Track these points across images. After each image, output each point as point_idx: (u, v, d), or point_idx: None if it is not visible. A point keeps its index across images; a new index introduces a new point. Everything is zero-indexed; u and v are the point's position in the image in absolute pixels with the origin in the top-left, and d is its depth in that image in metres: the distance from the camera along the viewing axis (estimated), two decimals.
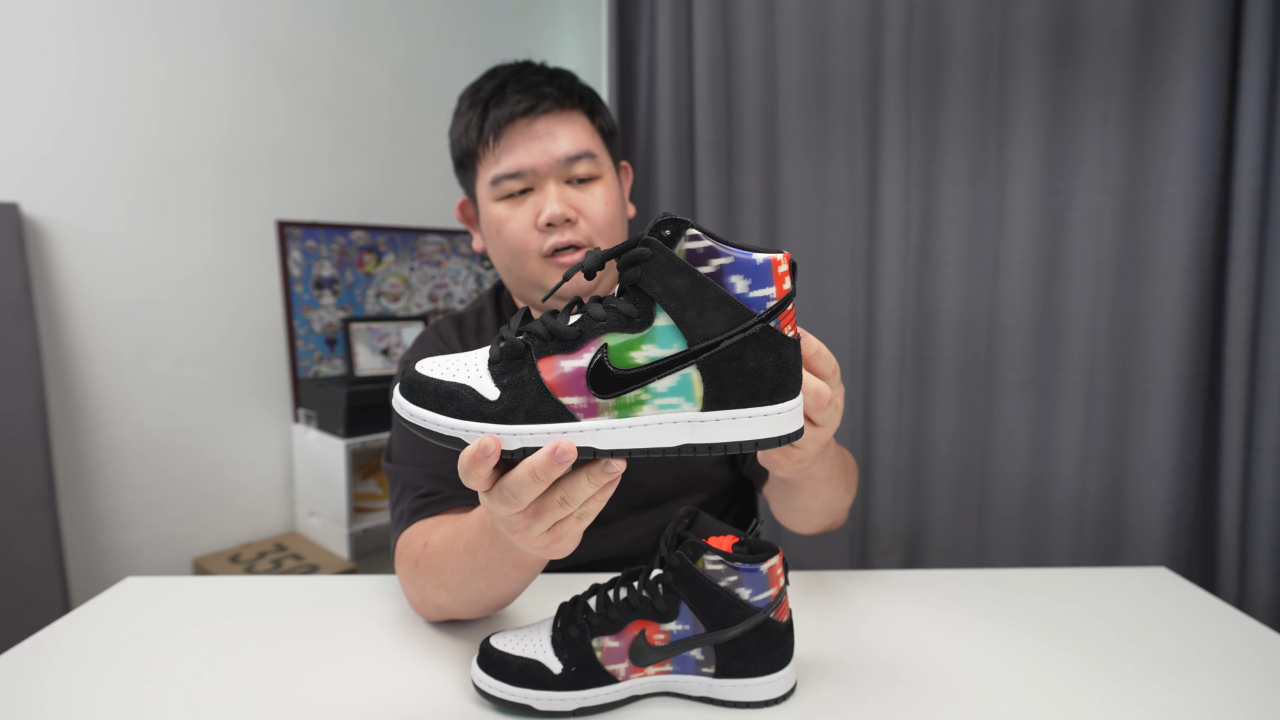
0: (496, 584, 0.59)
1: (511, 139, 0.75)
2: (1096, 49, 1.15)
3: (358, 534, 1.96)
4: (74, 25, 1.64)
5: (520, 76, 0.77)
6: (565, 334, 0.43)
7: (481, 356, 0.45)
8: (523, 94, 0.75)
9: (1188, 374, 1.11)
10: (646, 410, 0.42)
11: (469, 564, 0.59)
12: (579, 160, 0.76)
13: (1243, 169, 1.03)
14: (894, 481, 1.41)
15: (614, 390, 0.42)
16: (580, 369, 0.42)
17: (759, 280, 0.42)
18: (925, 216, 1.34)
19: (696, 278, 0.41)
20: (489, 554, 0.57)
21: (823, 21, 1.38)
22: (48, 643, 0.64)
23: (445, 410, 0.42)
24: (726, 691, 0.54)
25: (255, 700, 0.55)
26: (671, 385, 0.42)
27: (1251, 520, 1.06)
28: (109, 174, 1.71)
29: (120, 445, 1.77)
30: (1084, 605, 0.71)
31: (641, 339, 0.42)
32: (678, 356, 0.42)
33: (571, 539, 0.46)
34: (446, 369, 0.44)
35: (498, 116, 0.75)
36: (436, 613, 0.66)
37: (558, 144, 0.75)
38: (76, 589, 1.70)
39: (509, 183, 0.76)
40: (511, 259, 0.77)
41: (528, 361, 0.43)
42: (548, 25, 2.59)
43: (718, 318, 0.41)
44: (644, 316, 0.42)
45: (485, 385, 0.43)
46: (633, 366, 0.42)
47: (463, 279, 2.45)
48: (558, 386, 0.42)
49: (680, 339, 0.42)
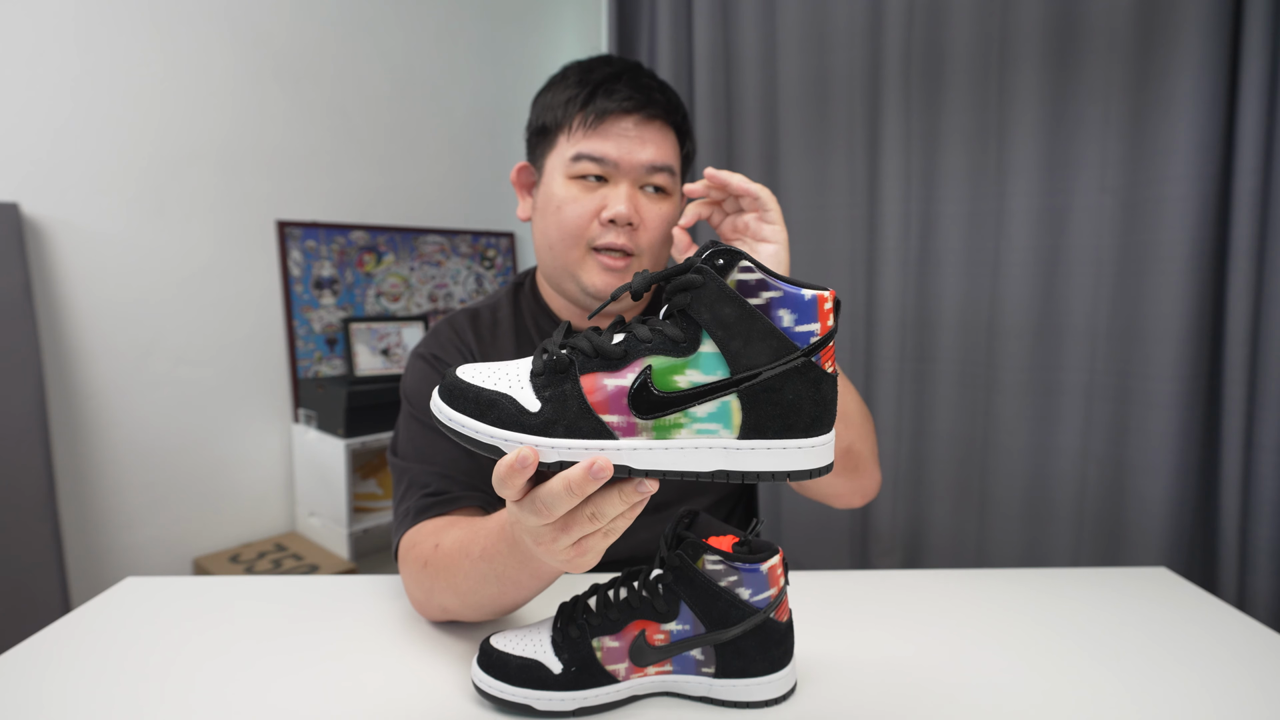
0: (509, 591, 0.59)
1: (609, 129, 0.75)
2: (1096, 49, 1.15)
3: (358, 534, 1.96)
4: (74, 25, 1.64)
5: (636, 75, 0.78)
6: (610, 353, 0.43)
7: (524, 367, 0.45)
8: (635, 92, 0.76)
9: (1188, 374, 1.11)
10: (683, 434, 0.43)
11: (483, 570, 0.59)
12: (660, 172, 0.76)
13: (1243, 169, 1.03)
14: (894, 481, 1.41)
15: (654, 412, 0.42)
16: (623, 388, 0.42)
17: (804, 315, 0.42)
18: (925, 216, 1.34)
19: (746, 308, 0.42)
20: (506, 562, 0.56)
21: (823, 21, 1.38)
22: (48, 643, 0.64)
23: (485, 418, 0.43)
24: (726, 691, 0.54)
25: (255, 700, 0.55)
26: (711, 411, 0.42)
27: (1251, 520, 1.06)
28: (109, 174, 1.71)
29: (120, 445, 1.77)
30: (1084, 605, 0.71)
31: (685, 364, 0.42)
32: (720, 384, 0.42)
33: (595, 554, 0.46)
34: (488, 377, 0.44)
35: (605, 104, 0.75)
36: (440, 614, 0.66)
37: (647, 150, 0.75)
38: (76, 589, 1.70)
39: (588, 164, 0.75)
40: (558, 239, 0.77)
41: (571, 377, 0.43)
42: (548, 25, 2.59)
43: (763, 349, 0.42)
44: (690, 342, 0.43)
45: (527, 396, 0.43)
46: (675, 390, 0.42)
47: (463, 279, 2.45)
48: (599, 404, 0.42)
49: (724, 367, 0.42)
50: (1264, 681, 0.58)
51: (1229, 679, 0.58)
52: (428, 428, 0.75)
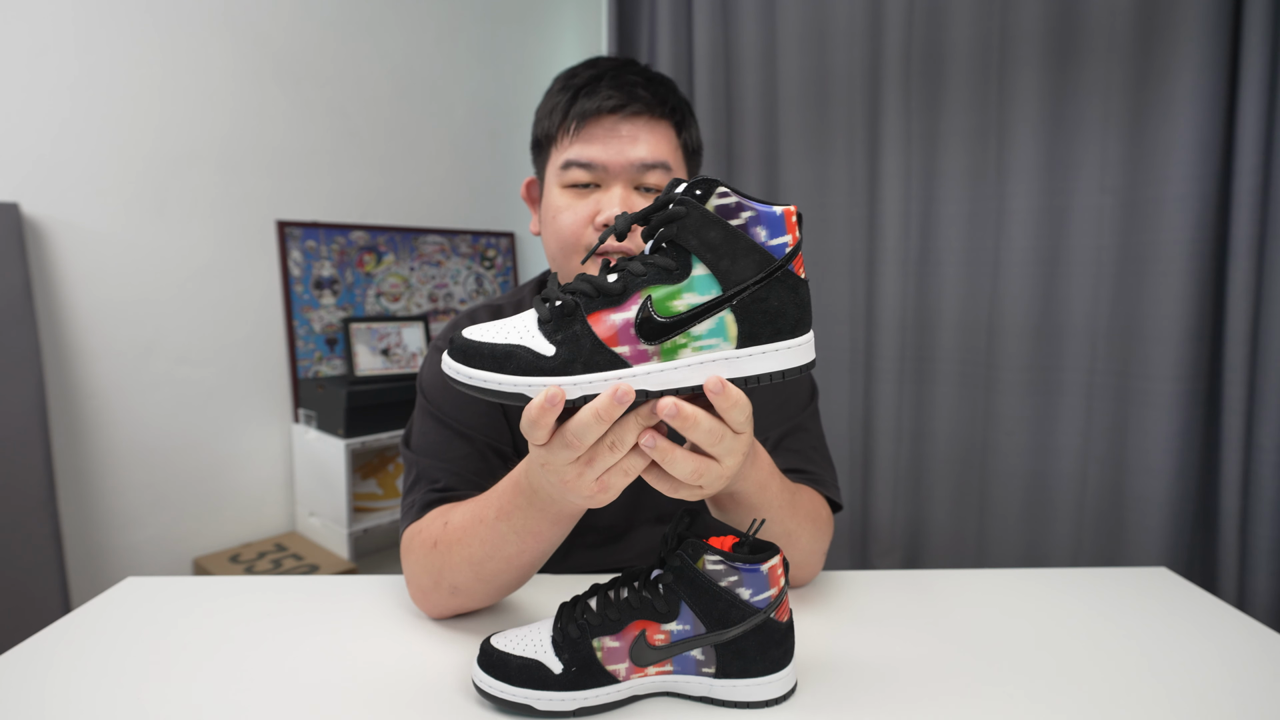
0: (529, 545, 0.61)
1: (593, 132, 0.74)
2: (1096, 49, 1.15)
3: (358, 534, 1.96)
4: (74, 25, 1.64)
5: (619, 73, 0.76)
6: (611, 289, 0.47)
7: (528, 319, 0.48)
8: (616, 90, 0.74)
9: (1188, 374, 1.11)
10: (687, 353, 0.46)
11: (502, 530, 0.60)
12: (653, 169, 0.74)
13: (1243, 169, 1.03)
14: (894, 481, 1.41)
15: (659, 337, 0.46)
16: (628, 320, 0.46)
17: (776, 229, 0.47)
18: (925, 216, 1.34)
19: (729, 229, 0.46)
20: (526, 514, 0.58)
21: (823, 21, 1.38)
22: (48, 643, 0.64)
23: (505, 369, 0.46)
24: (727, 691, 0.54)
25: (255, 700, 0.55)
26: (710, 328, 0.46)
27: (1251, 520, 1.06)
28: (109, 174, 1.71)
29: (120, 445, 1.77)
30: (1084, 605, 0.71)
31: (681, 288, 0.46)
32: (715, 301, 0.46)
33: (615, 490, 0.50)
34: (496, 333, 0.48)
35: (585, 106, 0.74)
36: (449, 598, 0.66)
37: (636, 148, 0.74)
38: (76, 589, 1.70)
39: (578, 171, 0.74)
40: (559, 248, 0.77)
41: (579, 318, 0.47)
42: (548, 25, 2.59)
43: (748, 264, 0.46)
44: (682, 268, 0.46)
45: (539, 343, 0.47)
46: (675, 314, 0.46)
47: (463, 279, 2.45)
48: (609, 338, 0.46)
49: (716, 285, 0.46)
50: (1264, 681, 0.58)
51: (1229, 679, 0.58)
52: (442, 423, 0.76)
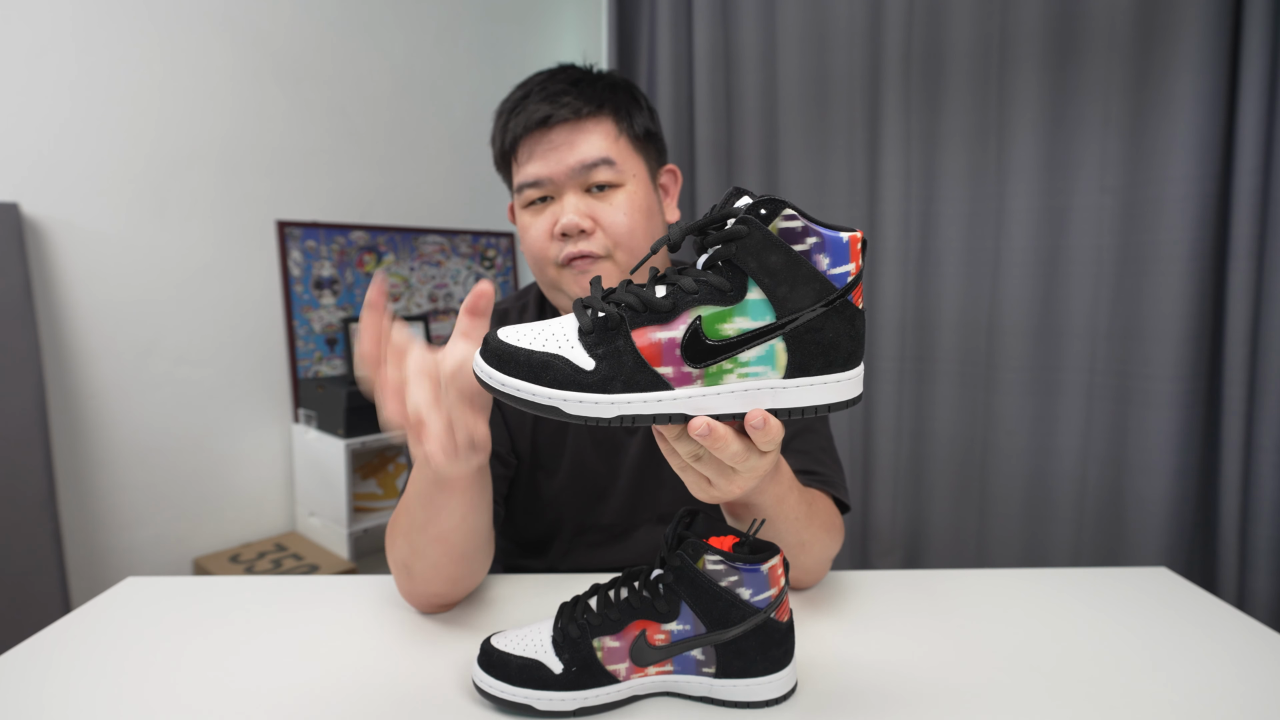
0: (431, 515, 0.62)
1: (530, 149, 0.75)
2: (1096, 49, 1.15)
3: (358, 534, 1.96)
4: (73, 25, 1.64)
5: (545, 85, 0.76)
6: (659, 306, 0.44)
7: (568, 325, 0.46)
8: (541, 103, 0.75)
9: (1188, 374, 1.11)
10: (732, 378, 0.44)
11: (412, 501, 0.63)
12: (596, 168, 0.74)
13: (1243, 169, 1.03)
14: (894, 481, 1.41)
15: (706, 360, 0.44)
16: (674, 340, 0.44)
17: (840, 257, 0.44)
18: (925, 216, 1.34)
19: (792, 255, 0.44)
20: (418, 482, 0.61)
21: (823, 21, 1.38)
22: (48, 643, 0.64)
23: (540, 380, 0.44)
24: (727, 691, 0.54)
25: (255, 700, 0.55)
26: (759, 355, 0.44)
27: (1251, 520, 1.06)
28: (108, 174, 1.71)
29: (120, 445, 1.77)
30: (1084, 605, 0.71)
31: (733, 311, 0.44)
32: (767, 328, 0.44)
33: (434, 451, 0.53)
34: (534, 338, 0.45)
35: (514, 128, 0.75)
36: (407, 579, 0.67)
37: (574, 152, 0.74)
38: (76, 589, 1.70)
39: (529, 191, 0.76)
40: (533, 264, 0.79)
41: (622, 333, 0.44)
42: (548, 25, 2.59)
43: (807, 292, 0.44)
44: (737, 290, 0.44)
45: (579, 355, 0.44)
46: (724, 338, 0.44)
47: (463, 279, 2.45)
48: (652, 356, 0.44)
49: (770, 312, 0.44)
50: (1264, 681, 0.58)
51: (1229, 679, 0.58)
52: None
